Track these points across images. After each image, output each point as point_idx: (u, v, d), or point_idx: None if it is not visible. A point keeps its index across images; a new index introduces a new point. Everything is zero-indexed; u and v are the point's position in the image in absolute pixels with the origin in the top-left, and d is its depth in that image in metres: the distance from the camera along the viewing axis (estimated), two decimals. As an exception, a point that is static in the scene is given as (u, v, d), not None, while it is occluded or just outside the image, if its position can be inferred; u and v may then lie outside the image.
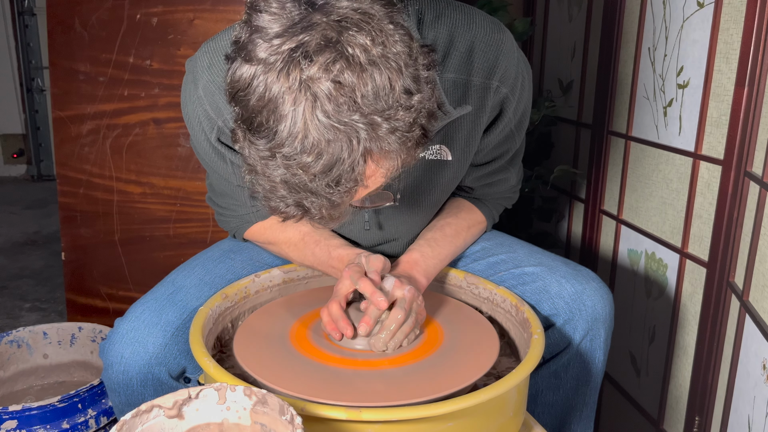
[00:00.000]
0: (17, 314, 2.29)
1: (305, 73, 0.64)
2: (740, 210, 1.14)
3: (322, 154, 0.65)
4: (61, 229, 1.71)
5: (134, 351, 0.95)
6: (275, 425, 0.66)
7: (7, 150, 4.25)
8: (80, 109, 1.63)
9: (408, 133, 0.68)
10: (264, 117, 0.66)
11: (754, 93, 1.09)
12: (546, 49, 1.92)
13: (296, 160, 0.66)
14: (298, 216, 0.73)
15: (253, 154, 0.69)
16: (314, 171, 0.66)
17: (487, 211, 1.13)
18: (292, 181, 0.68)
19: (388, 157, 0.69)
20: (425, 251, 1.03)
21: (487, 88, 0.93)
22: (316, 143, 0.65)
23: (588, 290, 1.01)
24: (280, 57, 0.64)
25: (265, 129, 0.67)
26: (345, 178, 0.67)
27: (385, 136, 0.66)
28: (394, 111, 0.66)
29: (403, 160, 0.70)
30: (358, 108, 0.65)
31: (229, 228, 1.13)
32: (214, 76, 0.90)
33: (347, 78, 0.64)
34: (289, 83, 0.64)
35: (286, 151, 0.66)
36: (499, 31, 0.93)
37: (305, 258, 1.06)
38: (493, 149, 1.04)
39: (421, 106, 0.69)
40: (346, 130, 0.65)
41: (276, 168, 0.68)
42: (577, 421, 1.11)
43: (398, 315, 0.86)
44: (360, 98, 0.64)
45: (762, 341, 1.02)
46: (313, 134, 0.65)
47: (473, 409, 0.75)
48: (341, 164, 0.66)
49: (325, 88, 0.64)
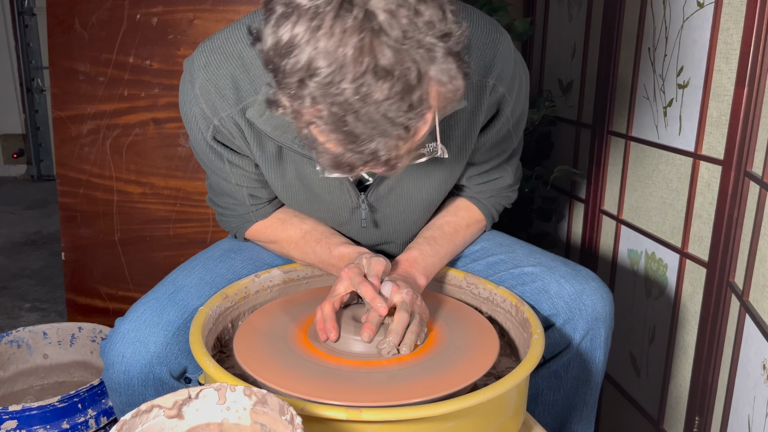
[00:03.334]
0: (17, 314, 2.29)
1: (368, 2, 0.64)
2: (740, 210, 1.14)
3: (394, 82, 0.65)
4: (61, 229, 1.71)
5: (135, 351, 0.95)
6: (275, 425, 0.66)
7: (7, 150, 4.25)
8: (80, 109, 1.63)
9: (461, 58, 0.70)
10: (326, 60, 0.65)
11: (754, 93, 1.09)
12: (546, 49, 1.92)
13: (369, 92, 0.65)
14: (362, 164, 0.72)
15: (317, 99, 0.67)
16: (389, 99, 0.66)
17: (485, 209, 1.13)
18: (366, 114, 0.67)
19: (446, 80, 0.69)
20: (424, 249, 1.03)
21: (483, 87, 0.93)
22: (389, 71, 0.65)
23: (587, 290, 1.01)
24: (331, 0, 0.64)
25: (330, 72, 0.65)
26: (417, 101, 0.67)
27: (443, 58, 0.67)
28: (449, 36, 0.68)
29: (459, 83, 0.71)
30: (421, 33, 0.66)
31: (230, 228, 1.13)
32: (210, 75, 0.90)
33: (410, 2, 0.65)
34: (352, 17, 0.64)
35: (357, 86, 0.65)
36: (497, 31, 0.93)
37: (306, 255, 1.06)
38: (490, 149, 1.04)
39: (464, 35, 0.70)
40: (413, 55, 0.66)
41: (347, 104, 0.66)
42: (577, 421, 1.11)
43: (403, 317, 0.86)
44: (422, 23, 0.66)
45: (762, 341, 1.02)
46: (383, 63, 0.65)
47: (473, 409, 0.76)
48: (412, 89, 0.66)
49: (390, 15, 0.64)
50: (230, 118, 0.92)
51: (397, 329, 0.85)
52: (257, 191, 1.05)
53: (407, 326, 0.86)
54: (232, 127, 0.93)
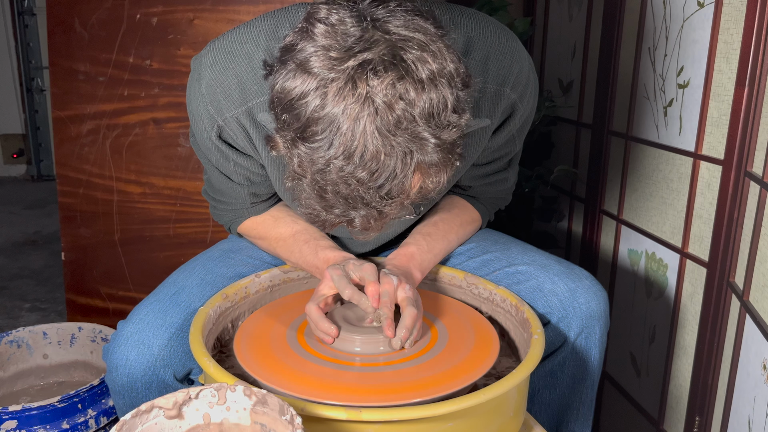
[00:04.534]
0: (17, 314, 2.29)
1: (371, 89, 0.66)
2: (740, 210, 1.14)
3: (379, 168, 0.68)
4: (61, 229, 1.71)
5: (140, 353, 0.95)
6: (275, 425, 0.66)
7: (7, 150, 4.25)
8: (80, 109, 1.63)
9: (452, 150, 0.71)
10: (320, 128, 0.67)
11: (755, 93, 1.09)
12: (546, 49, 1.92)
13: (352, 172, 0.68)
14: (335, 224, 0.75)
15: (304, 162, 0.70)
16: (369, 183, 0.69)
17: (483, 209, 1.14)
18: (344, 192, 0.70)
19: (432, 172, 0.71)
20: (421, 245, 1.03)
21: (499, 95, 0.94)
22: (375, 157, 0.67)
23: (581, 288, 1.02)
24: (343, 73, 0.66)
25: (320, 139, 0.68)
26: (396, 189, 0.70)
27: (433, 152, 0.69)
28: (445, 129, 0.69)
29: (444, 177, 0.73)
30: (416, 124, 0.67)
31: (223, 221, 1.13)
32: (216, 74, 0.90)
33: (410, 95, 0.66)
34: (354, 98, 0.66)
35: (342, 164, 0.68)
36: (513, 39, 0.95)
37: (292, 254, 1.06)
38: (494, 151, 1.05)
39: (465, 125, 0.72)
40: (403, 145, 0.67)
41: (329, 178, 0.69)
42: (574, 419, 1.11)
43: (413, 313, 0.87)
44: (418, 114, 0.67)
45: (762, 341, 1.02)
46: (372, 148, 0.67)
47: (473, 410, 0.75)
48: (395, 177, 0.69)
49: (388, 103, 0.66)
50: (234, 119, 0.92)
51: (409, 325, 0.86)
52: (257, 189, 1.05)
53: (416, 321, 0.87)
54: (236, 128, 0.93)
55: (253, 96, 0.90)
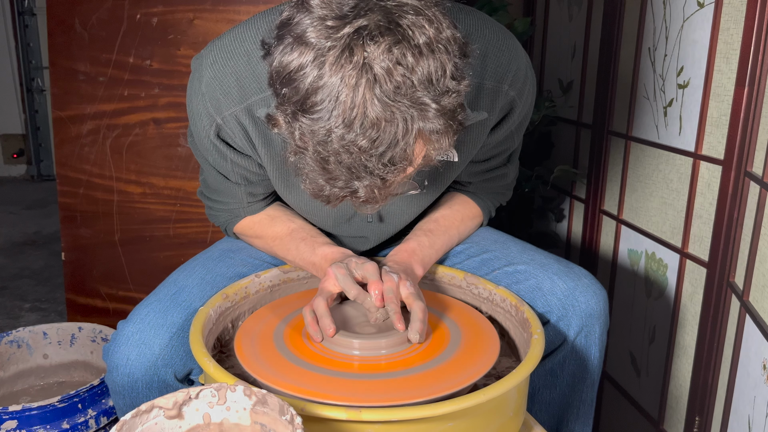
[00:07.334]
0: (17, 314, 2.29)
1: (368, 55, 0.65)
2: (740, 210, 1.14)
3: (379, 134, 0.67)
4: (61, 229, 1.71)
5: (140, 353, 0.95)
6: (275, 425, 0.66)
7: (7, 150, 4.25)
8: (80, 109, 1.63)
9: (453, 117, 0.71)
10: (319, 98, 0.67)
11: (754, 93, 1.09)
12: (546, 49, 1.92)
13: (354, 140, 0.68)
14: (340, 198, 0.75)
15: (305, 135, 0.70)
16: (371, 151, 0.68)
17: (483, 204, 1.14)
18: (346, 161, 0.69)
19: (434, 139, 0.71)
20: (422, 241, 1.04)
21: (497, 92, 0.94)
22: (375, 123, 0.67)
23: (580, 287, 1.02)
24: (339, 41, 0.66)
25: (320, 110, 0.67)
26: (399, 157, 0.69)
27: (434, 118, 0.69)
28: (445, 95, 0.69)
29: (447, 143, 0.72)
30: (415, 90, 0.67)
31: (219, 222, 1.13)
32: (215, 73, 0.90)
33: (408, 60, 0.66)
34: (352, 65, 0.65)
35: (342, 132, 0.67)
36: (510, 37, 0.95)
37: (288, 252, 1.06)
38: (493, 148, 1.05)
39: (465, 91, 0.71)
40: (403, 111, 0.67)
41: (331, 148, 0.69)
42: (575, 419, 1.11)
43: (423, 306, 0.88)
44: (417, 80, 0.67)
45: (762, 341, 1.02)
46: (372, 115, 0.66)
47: (473, 410, 0.76)
48: (396, 144, 0.68)
49: (386, 69, 0.66)
50: (233, 117, 0.92)
51: (422, 317, 0.87)
52: (254, 188, 1.05)
53: (425, 313, 0.89)
54: (234, 126, 0.93)
55: (252, 93, 0.90)
